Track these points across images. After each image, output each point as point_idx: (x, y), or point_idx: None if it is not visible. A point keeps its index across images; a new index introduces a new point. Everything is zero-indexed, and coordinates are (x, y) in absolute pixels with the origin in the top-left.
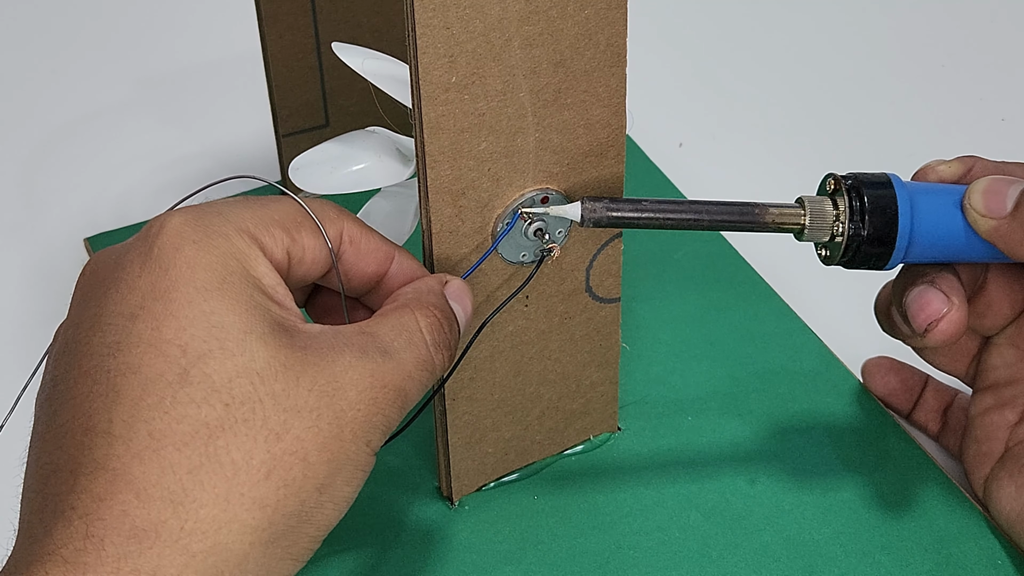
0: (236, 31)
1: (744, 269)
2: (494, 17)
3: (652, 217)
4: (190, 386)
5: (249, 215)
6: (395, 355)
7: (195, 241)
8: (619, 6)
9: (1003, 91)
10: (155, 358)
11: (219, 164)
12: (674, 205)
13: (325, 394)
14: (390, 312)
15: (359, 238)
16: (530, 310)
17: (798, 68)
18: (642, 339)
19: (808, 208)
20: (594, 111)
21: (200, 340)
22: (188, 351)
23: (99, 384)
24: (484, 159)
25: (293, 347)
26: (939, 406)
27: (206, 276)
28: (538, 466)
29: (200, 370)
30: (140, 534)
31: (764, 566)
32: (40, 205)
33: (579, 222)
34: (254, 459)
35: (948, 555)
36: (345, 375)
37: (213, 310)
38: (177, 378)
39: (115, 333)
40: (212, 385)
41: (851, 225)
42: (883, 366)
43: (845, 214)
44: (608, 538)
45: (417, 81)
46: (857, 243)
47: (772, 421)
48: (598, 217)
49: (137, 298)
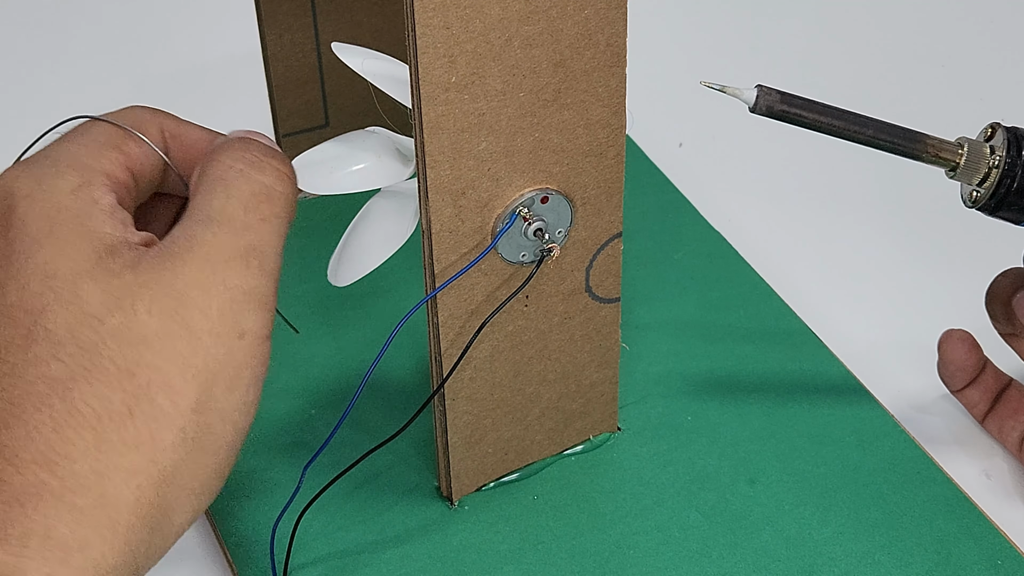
0: (236, 31)
1: (744, 269)
2: (494, 17)
3: (818, 119)
4: (36, 344)
5: (77, 148)
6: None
7: (27, 195)
8: (619, 6)
9: (1003, 91)
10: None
11: None
12: (842, 113)
13: (167, 311)
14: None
15: (178, 131)
16: (530, 310)
17: (798, 68)
18: (642, 339)
19: (968, 148)
20: (594, 111)
21: (37, 296)
22: (30, 309)
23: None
24: (484, 159)
25: (123, 273)
26: (996, 387)
27: (37, 226)
28: (538, 466)
29: (42, 326)
30: (23, 498)
31: (764, 566)
32: None
33: (751, 107)
34: (113, 402)
35: (948, 555)
36: (180, 278)
37: (46, 259)
38: (23, 340)
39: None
40: (55, 339)
41: (1008, 160)
42: (967, 340)
43: (1003, 149)
44: (608, 538)
45: (417, 81)
46: (1010, 180)
47: (772, 421)
48: (771, 103)
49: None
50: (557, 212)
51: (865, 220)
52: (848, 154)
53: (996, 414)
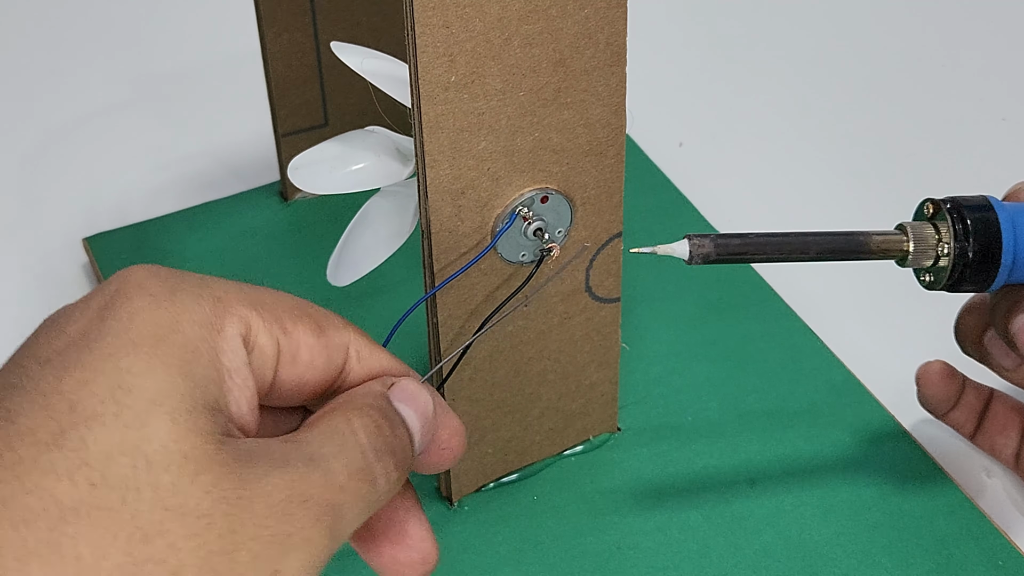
0: (235, 30)
1: (744, 269)
2: (493, 16)
3: (758, 252)
4: (59, 451)
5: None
6: (322, 463)
7: (152, 294)
8: (619, 5)
9: (1003, 91)
10: (37, 409)
11: (218, 164)
12: (780, 238)
13: (225, 500)
14: (319, 418)
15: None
16: (530, 310)
17: (798, 68)
18: (642, 339)
19: (911, 233)
20: (594, 110)
21: (97, 400)
22: (76, 410)
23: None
24: (483, 158)
25: (204, 437)
26: (978, 406)
27: (142, 330)
28: (538, 466)
29: (79, 435)
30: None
31: (764, 567)
32: (39, 205)
33: (687, 260)
34: (107, 560)
35: (949, 556)
36: (256, 483)
37: (129, 368)
38: (49, 438)
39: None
40: (85, 457)
41: (956, 245)
42: (945, 373)
43: (949, 235)
44: (608, 538)
45: (416, 80)
46: (963, 264)
47: (772, 421)
48: (706, 252)
49: (60, 343)
50: (557, 212)
51: (865, 220)
52: (848, 154)
53: (985, 432)
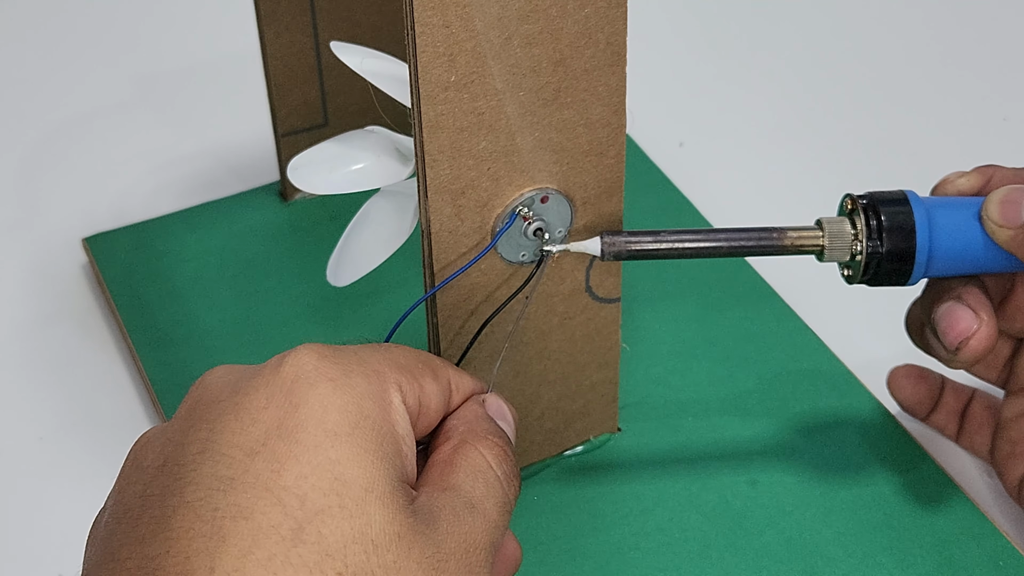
0: (234, 30)
1: (744, 269)
2: (493, 15)
3: (671, 248)
4: (303, 546)
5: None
6: (480, 506)
7: (332, 379)
8: (619, 4)
9: (1004, 91)
10: (271, 506)
11: (218, 163)
12: (692, 235)
13: (433, 568)
14: (453, 454)
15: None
16: (530, 310)
17: (798, 68)
18: (642, 339)
19: (826, 229)
20: (594, 110)
21: (321, 493)
22: (306, 504)
23: (203, 522)
24: (483, 158)
25: (406, 512)
26: (958, 407)
27: (338, 419)
28: (538, 466)
29: (316, 529)
30: None
31: (765, 567)
32: (38, 205)
33: (599, 256)
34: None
35: (950, 556)
36: (445, 544)
37: (339, 459)
38: (291, 534)
39: (229, 467)
40: (326, 549)
41: (869, 243)
42: (912, 375)
43: (863, 232)
44: (608, 539)
45: (416, 80)
46: (877, 260)
47: (772, 421)
48: (618, 251)
49: (259, 432)
50: (557, 212)
51: None
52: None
53: (965, 432)
